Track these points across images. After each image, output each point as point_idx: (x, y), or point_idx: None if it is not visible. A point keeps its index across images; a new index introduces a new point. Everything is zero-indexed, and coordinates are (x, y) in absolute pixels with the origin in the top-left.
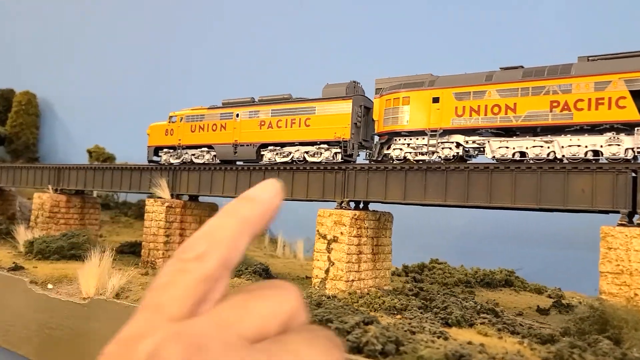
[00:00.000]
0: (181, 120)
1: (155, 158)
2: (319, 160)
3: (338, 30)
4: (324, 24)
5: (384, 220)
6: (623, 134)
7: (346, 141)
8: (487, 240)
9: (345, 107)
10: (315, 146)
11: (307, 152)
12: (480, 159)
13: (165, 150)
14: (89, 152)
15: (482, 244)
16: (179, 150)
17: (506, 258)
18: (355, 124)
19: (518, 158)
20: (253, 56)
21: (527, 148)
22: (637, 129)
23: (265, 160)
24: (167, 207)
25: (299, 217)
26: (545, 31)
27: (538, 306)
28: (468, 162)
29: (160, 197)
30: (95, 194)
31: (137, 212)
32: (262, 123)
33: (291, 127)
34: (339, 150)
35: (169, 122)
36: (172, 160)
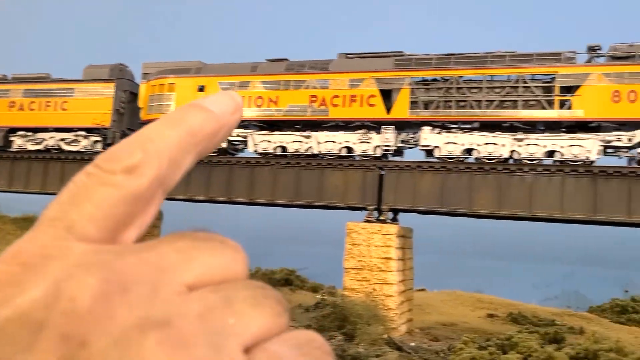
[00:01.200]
0: None
1: None
2: (76, 149)
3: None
4: None
5: None
6: (373, 132)
7: (106, 129)
8: (281, 241)
9: (107, 91)
10: (72, 133)
11: (63, 140)
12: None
13: None
14: None
15: (277, 245)
16: None
17: (301, 257)
18: (118, 110)
19: (279, 153)
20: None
21: (287, 143)
22: (383, 127)
23: (15, 147)
24: None
25: None
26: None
27: (300, 304)
28: (234, 156)
29: None
30: None
31: None
32: (12, 104)
33: (46, 110)
34: (99, 138)
35: None
36: None
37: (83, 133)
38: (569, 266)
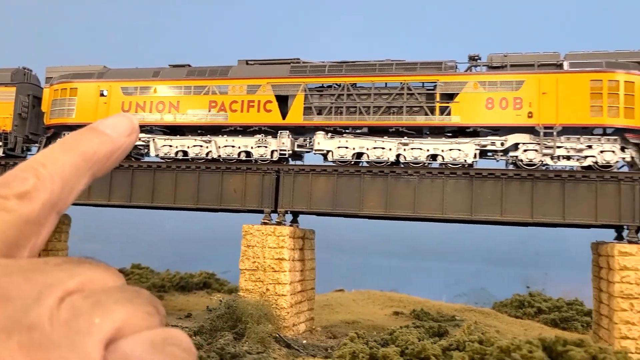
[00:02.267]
0: None
1: None
2: None
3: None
4: None
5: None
6: (270, 137)
7: (7, 133)
8: (204, 245)
9: (8, 96)
10: None
11: None
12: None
13: None
14: None
15: (205, 249)
16: None
17: (226, 261)
18: (20, 114)
19: (181, 157)
20: None
21: (188, 147)
22: (280, 132)
23: None
24: None
25: None
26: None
27: (207, 306)
28: (139, 160)
29: None
30: None
31: None
32: None
33: None
34: (0, 143)
35: None
36: None
37: None
38: (476, 265)
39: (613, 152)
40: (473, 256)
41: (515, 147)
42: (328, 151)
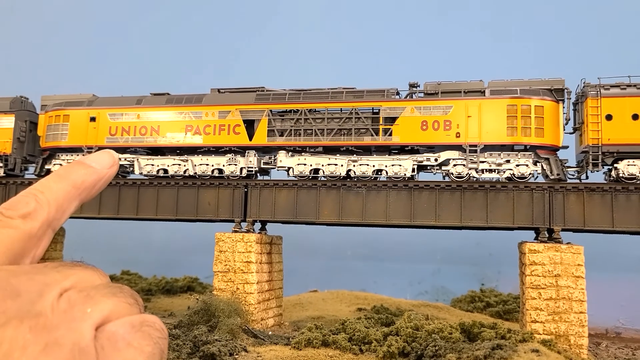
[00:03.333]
0: None
1: None
2: None
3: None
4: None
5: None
6: (239, 156)
7: (7, 155)
8: (187, 253)
9: (8, 122)
10: None
11: None
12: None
13: None
14: None
15: (184, 256)
16: None
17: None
18: (19, 138)
19: (162, 174)
20: None
21: (168, 166)
22: (248, 152)
23: None
24: None
25: None
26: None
27: (188, 306)
28: (125, 178)
29: None
30: None
31: None
32: None
33: None
34: (0, 164)
35: None
36: None
37: None
38: (436, 265)
39: (527, 165)
40: (434, 257)
41: (448, 162)
42: (289, 167)
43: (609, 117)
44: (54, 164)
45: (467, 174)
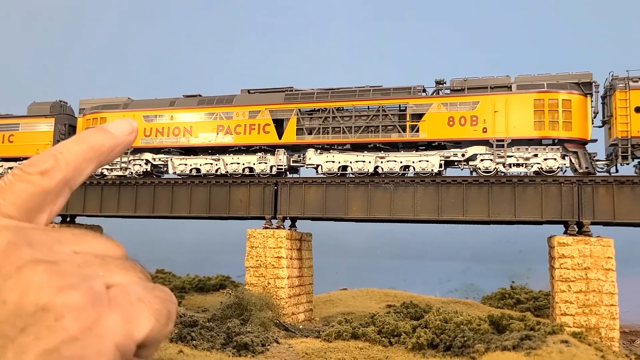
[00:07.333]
0: None
1: None
2: None
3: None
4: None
5: None
6: (269, 154)
7: None
8: (219, 251)
9: (48, 126)
10: (18, 162)
11: (10, 169)
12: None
13: None
14: None
15: (216, 255)
16: None
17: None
18: (58, 141)
19: (195, 174)
20: None
21: (201, 165)
22: (277, 150)
23: None
24: None
25: None
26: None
27: (221, 302)
28: (160, 177)
29: None
30: None
31: None
32: None
33: None
34: None
35: None
36: None
37: None
38: (466, 263)
39: (555, 159)
40: (463, 255)
41: (475, 157)
42: (318, 165)
43: (638, 110)
44: None
45: (494, 169)
